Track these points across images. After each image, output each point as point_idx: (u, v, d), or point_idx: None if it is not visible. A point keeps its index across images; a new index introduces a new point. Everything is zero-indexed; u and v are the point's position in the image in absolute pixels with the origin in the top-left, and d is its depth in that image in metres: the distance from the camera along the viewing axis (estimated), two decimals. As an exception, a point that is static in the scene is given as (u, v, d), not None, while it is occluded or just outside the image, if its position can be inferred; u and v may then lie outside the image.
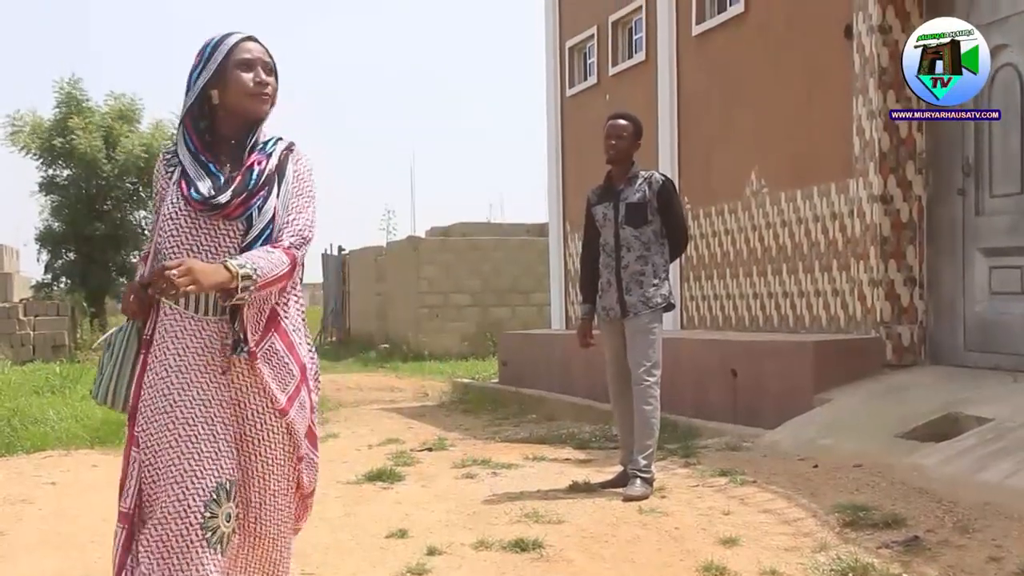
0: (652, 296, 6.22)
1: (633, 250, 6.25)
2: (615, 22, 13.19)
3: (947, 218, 8.05)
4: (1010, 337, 7.47)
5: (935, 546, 4.51)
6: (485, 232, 23.45)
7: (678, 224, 6.37)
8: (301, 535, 5.26)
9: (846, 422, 7.13)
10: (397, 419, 11.65)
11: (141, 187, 24.53)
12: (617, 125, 6.39)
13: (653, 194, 6.25)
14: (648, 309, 6.21)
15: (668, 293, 6.31)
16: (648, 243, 6.26)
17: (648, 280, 6.23)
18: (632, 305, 6.22)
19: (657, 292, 6.23)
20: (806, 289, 9.35)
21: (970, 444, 5.83)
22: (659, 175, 6.41)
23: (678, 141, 11.58)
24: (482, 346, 21.14)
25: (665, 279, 6.31)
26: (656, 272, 6.26)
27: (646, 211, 6.24)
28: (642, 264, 6.24)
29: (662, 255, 6.32)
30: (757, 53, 10.12)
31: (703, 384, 9.10)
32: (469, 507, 5.76)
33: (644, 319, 6.21)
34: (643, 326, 6.21)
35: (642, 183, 6.29)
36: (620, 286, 6.26)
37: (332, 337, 28.97)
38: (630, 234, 6.26)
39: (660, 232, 6.30)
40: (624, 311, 6.25)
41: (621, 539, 4.99)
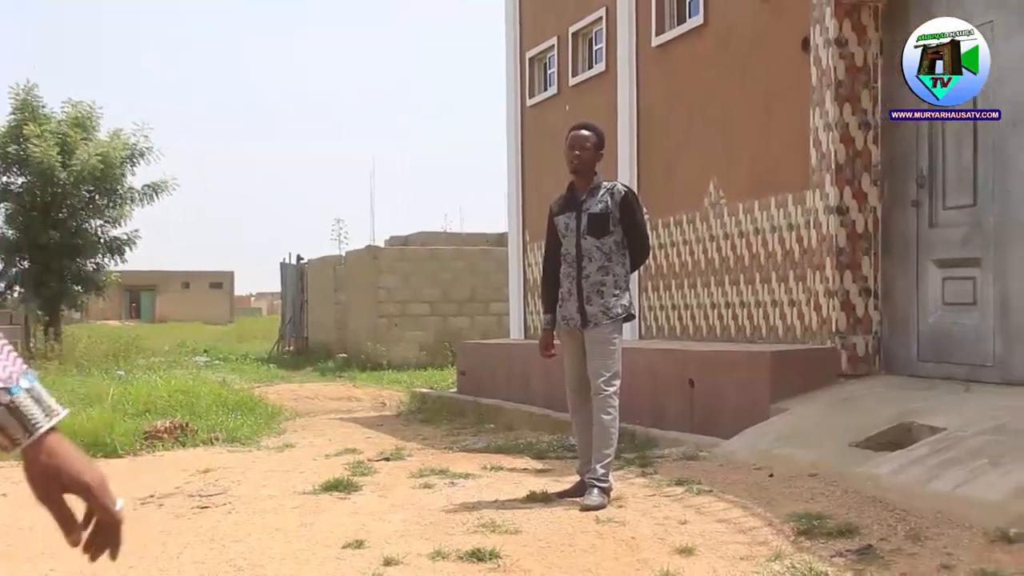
0: (613, 306, 6.23)
1: (594, 260, 6.26)
2: (575, 33, 13.24)
3: (901, 229, 8.14)
4: (962, 347, 7.55)
5: (888, 554, 4.55)
6: (444, 242, 23.45)
7: (640, 235, 6.39)
8: (255, 545, 5.24)
9: (802, 432, 7.17)
10: (355, 429, 11.60)
11: (97, 195, 24.28)
12: (580, 136, 6.40)
13: (615, 205, 6.27)
14: (608, 319, 6.22)
15: (629, 303, 6.33)
16: (609, 253, 6.27)
17: (609, 290, 6.24)
18: (593, 315, 6.23)
19: (618, 302, 6.25)
20: (763, 299, 9.41)
21: (923, 453, 5.88)
22: (622, 186, 6.43)
23: (637, 151, 11.63)
24: (441, 356, 21.12)
25: (626, 290, 6.33)
26: (617, 283, 6.27)
27: (608, 222, 6.25)
28: (603, 274, 6.25)
29: (623, 265, 6.33)
30: (716, 64, 10.19)
31: (661, 394, 9.13)
32: (426, 517, 5.73)
33: (604, 329, 6.22)
34: (603, 336, 6.22)
35: (604, 194, 6.30)
36: (581, 296, 6.27)
37: (290, 347, 28.82)
38: (592, 244, 6.27)
39: (621, 243, 6.31)
40: (584, 321, 6.26)
41: (578, 549, 4.98)
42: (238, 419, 11.02)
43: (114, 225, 25.13)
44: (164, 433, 9.69)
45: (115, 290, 38.57)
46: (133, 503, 6.58)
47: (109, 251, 25.30)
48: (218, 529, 5.67)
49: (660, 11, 11.26)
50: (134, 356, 21.77)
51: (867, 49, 8.33)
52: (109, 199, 24.53)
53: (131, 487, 7.18)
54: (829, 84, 8.32)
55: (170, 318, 68.38)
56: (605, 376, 6.16)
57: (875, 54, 8.33)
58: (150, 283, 74.09)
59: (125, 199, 24.83)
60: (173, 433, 9.74)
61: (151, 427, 9.85)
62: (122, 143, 24.55)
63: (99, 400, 11.37)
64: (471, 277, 22.54)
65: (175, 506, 6.42)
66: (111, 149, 24.06)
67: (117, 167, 24.14)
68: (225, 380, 15.98)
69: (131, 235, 25.57)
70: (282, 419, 12.34)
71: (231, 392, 13.28)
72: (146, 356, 23.12)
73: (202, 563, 4.97)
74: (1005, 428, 5.93)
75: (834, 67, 8.29)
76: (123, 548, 5.23)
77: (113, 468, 8.27)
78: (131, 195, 24.94)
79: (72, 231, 24.19)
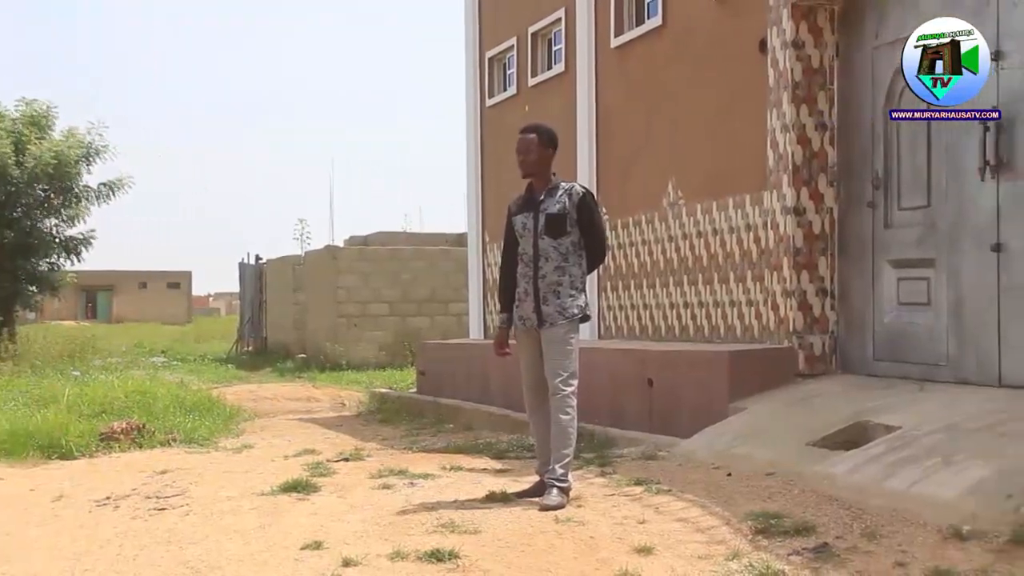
0: (568, 307, 6.24)
1: (551, 260, 6.27)
2: (535, 33, 13.26)
3: (857, 230, 8.21)
4: (917, 347, 7.64)
5: (844, 552, 4.60)
6: (404, 242, 23.40)
7: (597, 236, 6.40)
8: (213, 546, 5.21)
9: (760, 431, 7.23)
10: (314, 429, 11.56)
11: (52, 194, 24.01)
12: (524, 140, 6.42)
13: (573, 206, 6.27)
14: (564, 319, 6.23)
15: (585, 304, 6.34)
16: (566, 254, 6.28)
17: (565, 291, 6.25)
18: (548, 315, 6.24)
19: (574, 303, 6.26)
20: (721, 299, 9.47)
21: (878, 452, 5.94)
22: (580, 187, 6.42)
23: (596, 152, 11.66)
24: (400, 356, 21.08)
25: (582, 290, 6.34)
26: (573, 283, 6.28)
27: (565, 222, 6.26)
28: (559, 275, 6.26)
29: (580, 266, 6.34)
30: (675, 66, 10.24)
31: (620, 393, 9.16)
32: (385, 518, 5.72)
33: (560, 329, 6.23)
34: (559, 336, 6.23)
35: (562, 194, 6.31)
36: (537, 296, 6.28)
37: (248, 347, 28.65)
38: (548, 245, 6.27)
39: (579, 243, 6.32)
40: (540, 321, 6.27)
41: (537, 548, 4.99)
42: (196, 420, 10.95)
43: (70, 224, 24.87)
44: (121, 434, 9.61)
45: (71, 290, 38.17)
46: (89, 505, 6.53)
47: (65, 251, 25.02)
48: (175, 531, 5.63)
49: (619, 12, 11.30)
50: (90, 357, 21.56)
51: (823, 51, 8.40)
52: (64, 198, 24.26)
53: (87, 489, 7.12)
54: (786, 86, 8.38)
55: (127, 318, 67.72)
56: (563, 376, 6.18)
57: (831, 56, 8.41)
58: (106, 283, 73.33)
59: (81, 197, 24.58)
60: (130, 434, 9.66)
61: (107, 428, 9.76)
62: (77, 141, 24.29)
63: (54, 401, 11.25)
64: (431, 277, 22.53)
65: (132, 508, 6.37)
66: (65, 147, 23.80)
67: (72, 165, 23.88)
68: (183, 381, 15.88)
69: (87, 235, 25.30)
70: (240, 420, 12.28)
71: (189, 393, 13.21)
72: (102, 357, 22.90)
73: (159, 565, 4.94)
74: (958, 427, 6.01)
75: (791, 69, 8.35)
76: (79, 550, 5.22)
77: (69, 470, 8.19)
78: (87, 193, 24.69)
79: (26, 230, 23.88)
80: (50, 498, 6.86)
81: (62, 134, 24.74)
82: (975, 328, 7.13)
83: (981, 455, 5.38)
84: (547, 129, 6.52)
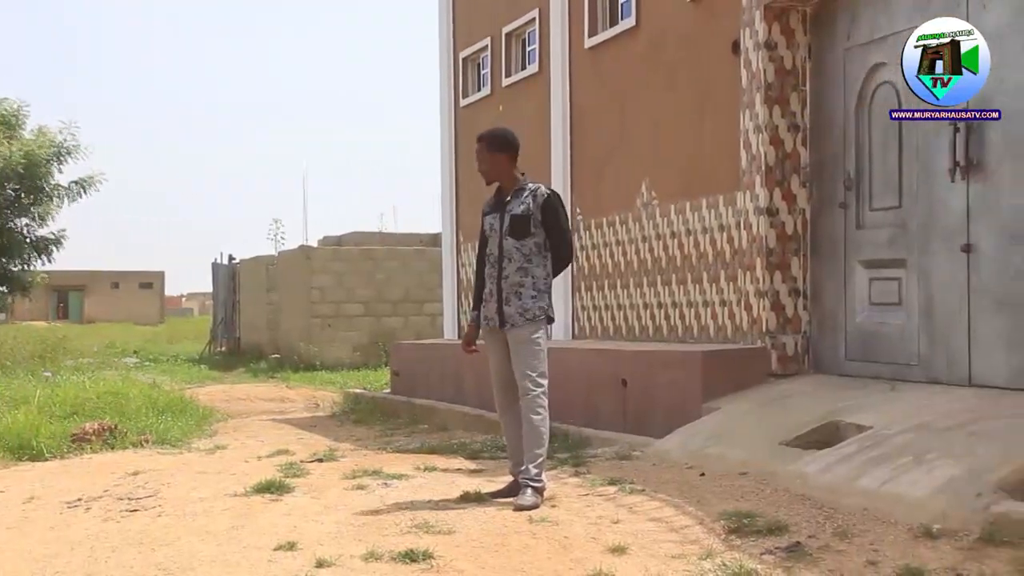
0: (529, 308, 6.26)
1: (514, 261, 6.29)
2: (509, 33, 13.26)
3: (830, 231, 8.26)
4: (888, 347, 7.69)
5: (816, 551, 4.62)
6: (378, 242, 23.36)
7: (562, 238, 6.40)
8: (185, 548, 5.19)
9: (733, 431, 7.26)
10: (287, 430, 11.52)
11: (23, 193, 23.85)
12: (477, 148, 6.49)
13: (537, 207, 6.29)
14: (525, 320, 6.25)
15: (547, 306, 6.34)
16: (529, 255, 6.30)
17: (527, 292, 6.27)
18: (510, 316, 6.27)
19: (535, 304, 6.27)
20: (695, 299, 9.50)
21: (850, 451, 5.98)
22: (545, 188, 6.42)
23: (570, 152, 11.68)
24: (374, 356, 21.06)
25: (545, 292, 6.34)
26: (536, 284, 6.29)
27: (529, 223, 6.28)
28: (522, 276, 6.28)
29: (544, 268, 6.35)
30: (648, 67, 10.27)
31: (593, 393, 9.18)
32: (359, 518, 5.71)
33: (524, 330, 6.24)
34: (525, 337, 6.25)
35: (527, 196, 6.32)
36: (500, 296, 6.30)
37: (222, 347, 28.54)
38: (512, 245, 6.30)
39: (543, 245, 6.33)
40: (502, 321, 6.29)
41: (511, 549, 5.00)
42: (168, 421, 10.90)
43: (41, 224, 24.71)
44: (92, 435, 9.55)
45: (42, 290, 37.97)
46: (60, 507, 6.48)
47: (35, 251, 24.88)
48: (147, 532, 5.60)
49: (593, 13, 11.32)
50: (62, 357, 21.42)
51: (796, 52, 8.44)
52: (35, 197, 24.10)
53: (58, 490, 7.07)
54: (759, 87, 8.42)
55: (99, 319, 67.30)
56: (532, 376, 6.19)
57: (803, 57, 8.45)
58: (78, 283, 72.90)
59: (52, 196, 24.42)
60: (102, 435, 9.60)
61: (79, 429, 9.70)
62: (48, 141, 24.13)
63: (25, 402, 11.17)
64: (405, 277, 22.50)
65: (103, 509, 6.33)
66: (37, 147, 23.64)
67: (42, 165, 23.72)
68: (155, 381, 15.81)
69: (58, 234, 25.18)
70: (213, 421, 12.23)
71: (161, 393, 13.15)
72: (74, 357, 22.76)
73: (130, 567, 4.91)
74: (928, 426, 6.05)
75: (764, 70, 8.39)
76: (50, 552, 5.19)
77: (40, 471, 8.14)
78: (58, 192, 24.54)
79: (-3, 230, 23.76)
80: (21, 500, 6.81)
81: (32, 133, 24.58)
82: (945, 328, 7.19)
83: (951, 454, 5.42)
84: (495, 134, 6.55)
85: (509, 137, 6.52)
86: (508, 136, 6.53)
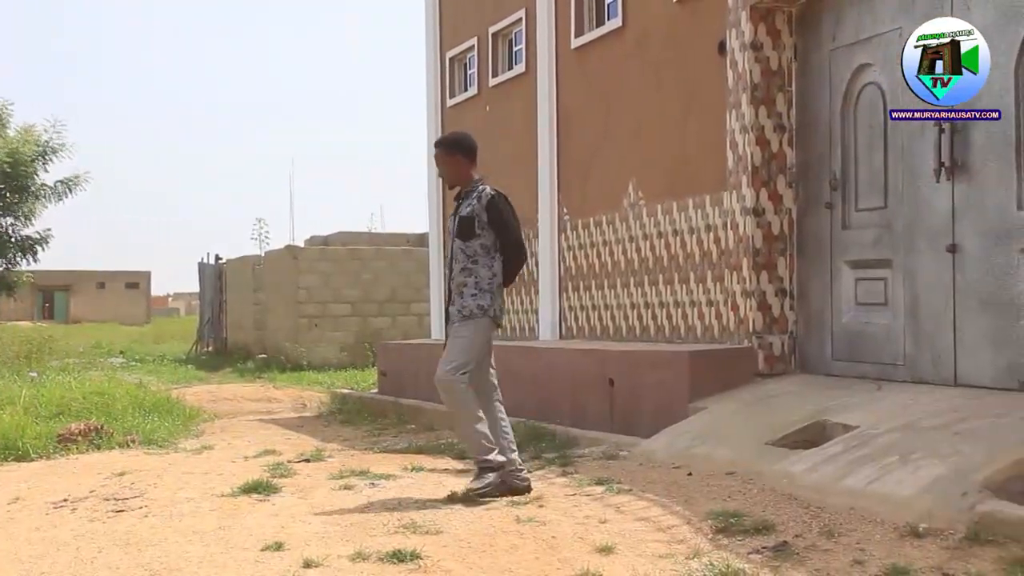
0: (467, 305, 6.36)
1: (459, 262, 6.43)
2: (495, 33, 13.26)
3: (816, 231, 8.29)
4: (874, 346, 7.72)
5: (803, 551, 4.64)
6: (365, 242, 23.33)
7: (509, 238, 6.45)
8: (172, 548, 5.18)
9: (720, 431, 7.27)
10: (274, 430, 11.50)
11: (7, 192, 23.75)
12: (435, 155, 6.64)
13: (482, 208, 6.37)
14: (461, 317, 6.37)
15: (487, 304, 6.38)
16: (473, 256, 6.39)
17: (468, 291, 6.37)
18: (452, 314, 6.43)
19: (474, 302, 6.36)
20: (681, 299, 9.52)
21: (836, 451, 6.00)
22: (490, 189, 6.47)
23: (557, 152, 11.69)
24: (361, 356, 21.03)
25: (488, 291, 6.38)
26: (478, 284, 6.38)
27: (474, 225, 6.37)
28: (465, 276, 6.40)
29: (489, 268, 6.41)
30: (635, 67, 10.28)
31: (581, 393, 9.19)
32: (347, 518, 5.71)
33: (461, 327, 6.37)
34: (456, 331, 6.40)
35: (474, 197, 6.42)
36: (449, 296, 6.50)
37: (208, 347, 28.47)
38: (458, 247, 6.44)
39: (491, 246, 6.41)
40: (448, 319, 6.48)
41: (499, 548, 5.00)
42: (155, 421, 10.86)
43: (26, 223, 24.62)
44: (79, 436, 9.51)
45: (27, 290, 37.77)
46: (46, 507, 6.46)
47: (21, 250, 24.78)
48: (134, 533, 5.59)
49: (579, 13, 11.34)
50: (47, 357, 21.31)
51: (781, 53, 8.47)
52: (20, 196, 24.00)
53: (44, 491, 7.05)
54: (745, 87, 8.44)
55: (85, 319, 67.07)
56: (447, 366, 6.31)
57: (789, 58, 8.48)
58: (64, 283, 72.65)
59: (38, 196, 24.33)
60: (88, 436, 9.56)
61: (65, 430, 9.66)
62: (33, 140, 24.03)
63: (10, 402, 11.11)
64: (392, 277, 22.48)
65: (89, 510, 6.31)
66: (21, 146, 23.54)
67: (27, 164, 23.62)
68: (142, 381, 15.75)
69: (44, 234, 25.09)
70: (200, 421, 12.19)
71: (148, 394, 13.09)
72: (60, 357, 22.66)
73: (117, 568, 4.90)
74: (914, 426, 6.08)
75: (750, 70, 8.41)
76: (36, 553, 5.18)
77: (25, 472, 8.11)
78: (43, 192, 24.44)
79: (-18, 229, 23.68)
80: (6, 500, 6.79)
81: (18, 131, 24.48)
82: (931, 328, 7.22)
83: (937, 454, 5.45)
84: (450, 139, 6.70)
85: (465, 140, 6.64)
86: (464, 139, 6.66)
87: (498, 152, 12.61)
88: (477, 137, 6.69)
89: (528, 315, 12.50)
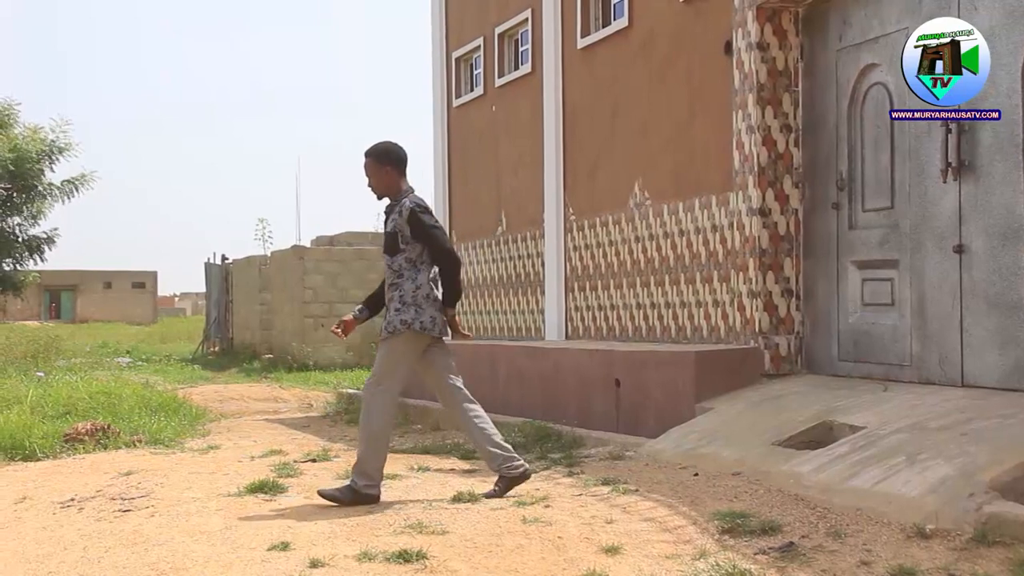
0: (391, 321, 6.32)
1: (387, 278, 6.42)
2: (501, 33, 13.26)
3: (822, 231, 8.28)
4: (881, 347, 7.71)
5: (809, 551, 4.63)
6: (371, 241, 23.33)
7: (435, 248, 6.33)
8: (178, 548, 5.18)
9: (726, 431, 7.27)
10: (281, 430, 11.51)
11: (15, 193, 23.78)
12: (364, 164, 6.48)
13: (404, 222, 6.28)
14: (387, 333, 6.33)
15: (411, 319, 6.26)
16: (400, 270, 6.34)
17: (393, 306, 6.34)
18: (383, 329, 6.38)
19: (397, 318, 6.30)
20: (688, 300, 9.51)
21: (843, 451, 5.99)
22: (410, 202, 6.33)
23: (563, 152, 11.68)
24: (367, 356, 20.98)
25: (411, 304, 6.28)
26: (403, 298, 6.30)
27: (396, 240, 6.31)
28: (392, 291, 6.37)
29: (414, 281, 6.31)
30: (641, 67, 10.28)
31: (587, 394, 9.19)
32: (352, 519, 5.72)
33: (384, 343, 6.38)
34: (380, 347, 6.43)
35: (397, 211, 6.34)
36: (387, 311, 6.44)
37: (214, 347, 28.49)
38: (386, 263, 6.43)
39: (416, 259, 6.32)
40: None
41: (505, 549, 5.01)
42: (161, 421, 10.87)
43: (33, 223, 24.65)
44: (85, 435, 9.53)
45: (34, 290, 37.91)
46: (53, 507, 6.48)
47: (28, 250, 24.81)
48: (140, 532, 5.60)
49: (585, 13, 11.33)
50: (54, 357, 21.37)
51: (788, 53, 8.46)
52: (27, 196, 24.03)
53: (51, 490, 7.06)
54: (751, 87, 8.43)
55: (91, 319, 67.15)
56: (374, 378, 6.38)
57: (796, 58, 8.47)
58: (70, 283, 72.77)
59: (44, 195, 24.36)
60: (94, 435, 9.57)
61: (72, 429, 9.68)
62: (39, 139, 24.05)
63: (17, 402, 11.15)
64: (398, 277, 22.45)
65: (96, 509, 6.32)
66: (27, 145, 23.55)
67: (33, 163, 23.63)
68: (148, 381, 15.79)
69: (50, 234, 25.12)
70: (206, 421, 12.21)
71: (154, 393, 13.12)
72: (67, 357, 22.71)
73: (124, 567, 4.91)
74: (921, 427, 6.07)
75: (756, 71, 8.40)
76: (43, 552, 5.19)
77: (32, 471, 8.13)
78: (50, 191, 24.47)
79: (-13, 229, 23.71)
80: (13, 500, 6.80)
81: (24, 130, 24.50)
82: (938, 328, 7.20)
83: (944, 454, 5.44)
84: (380, 149, 6.48)
85: (396, 151, 6.49)
86: (395, 150, 6.50)
87: (504, 152, 12.63)
88: (484, 138, 6.68)
89: (534, 315, 12.50)
